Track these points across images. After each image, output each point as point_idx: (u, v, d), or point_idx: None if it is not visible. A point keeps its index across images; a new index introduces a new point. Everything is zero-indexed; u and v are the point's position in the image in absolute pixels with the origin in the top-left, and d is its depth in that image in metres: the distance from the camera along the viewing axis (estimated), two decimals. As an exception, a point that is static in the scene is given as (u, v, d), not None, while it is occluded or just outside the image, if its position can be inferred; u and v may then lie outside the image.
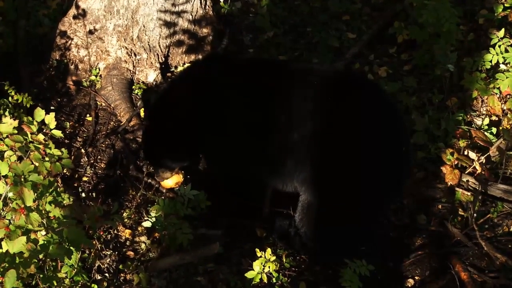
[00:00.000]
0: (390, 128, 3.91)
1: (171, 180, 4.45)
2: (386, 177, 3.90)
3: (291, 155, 3.93)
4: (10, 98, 4.65)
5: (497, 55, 5.13)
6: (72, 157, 4.73)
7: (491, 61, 5.18)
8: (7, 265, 2.83)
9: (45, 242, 2.94)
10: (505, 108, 5.09)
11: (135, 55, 5.36)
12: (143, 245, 4.14)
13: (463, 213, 4.48)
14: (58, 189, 3.18)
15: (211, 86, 4.08)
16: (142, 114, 5.15)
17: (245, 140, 4.06)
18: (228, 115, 4.05)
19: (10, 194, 2.90)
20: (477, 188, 4.54)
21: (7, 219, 2.88)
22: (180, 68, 5.51)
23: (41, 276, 3.16)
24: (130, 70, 5.36)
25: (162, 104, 4.27)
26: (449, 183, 4.56)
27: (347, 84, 4.02)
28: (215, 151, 4.23)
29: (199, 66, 4.47)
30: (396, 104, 4.24)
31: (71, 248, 3.02)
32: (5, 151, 3.09)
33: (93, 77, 5.33)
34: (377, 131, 3.85)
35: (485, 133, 4.85)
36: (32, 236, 2.86)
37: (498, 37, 5.15)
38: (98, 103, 5.25)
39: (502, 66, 5.20)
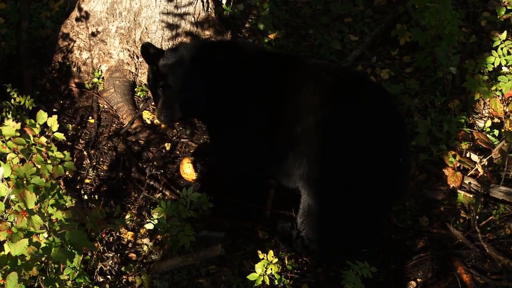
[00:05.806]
0: (392, 134, 3.92)
1: (192, 173, 4.68)
2: (382, 181, 3.91)
3: (292, 149, 3.94)
4: (12, 101, 4.66)
5: (500, 57, 5.14)
6: (75, 159, 4.74)
7: (493, 64, 5.19)
8: (9, 267, 2.83)
9: (47, 244, 2.94)
10: (507, 110, 5.09)
11: (137, 57, 5.36)
12: (145, 247, 4.14)
13: (465, 215, 4.48)
14: (60, 191, 3.18)
15: (224, 76, 4.07)
16: (144, 116, 5.16)
17: (253, 130, 4.09)
18: (238, 106, 4.08)
19: (12, 197, 2.91)
20: (479, 190, 4.54)
21: (9, 222, 2.89)
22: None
23: (43, 278, 3.16)
24: (132, 73, 5.37)
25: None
26: (451, 185, 4.55)
27: (354, 85, 4.04)
28: (225, 142, 4.25)
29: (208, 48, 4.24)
30: (400, 113, 4.26)
31: (73, 250, 3.02)
32: (8, 153, 3.10)
33: (95, 80, 5.34)
34: (378, 135, 3.86)
35: (487, 135, 4.84)
36: (34, 238, 2.86)
37: (500, 39, 5.16)
38: (101, 105, 5.26)
39: (504, 69, 5.20)
